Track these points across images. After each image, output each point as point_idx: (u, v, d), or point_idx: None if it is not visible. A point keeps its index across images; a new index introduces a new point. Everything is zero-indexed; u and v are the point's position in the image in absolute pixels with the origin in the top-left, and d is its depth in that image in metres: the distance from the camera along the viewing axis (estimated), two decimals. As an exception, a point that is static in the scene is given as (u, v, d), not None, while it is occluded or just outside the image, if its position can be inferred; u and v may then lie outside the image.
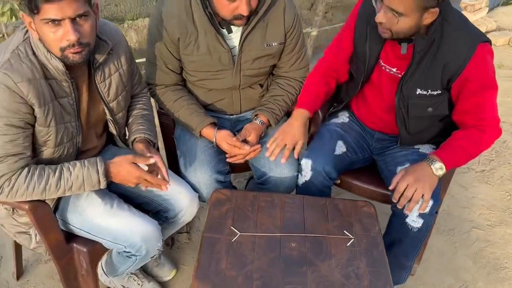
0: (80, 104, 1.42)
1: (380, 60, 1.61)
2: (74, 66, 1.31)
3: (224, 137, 1.70)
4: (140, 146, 1.49)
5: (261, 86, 1.86)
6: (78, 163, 1.35)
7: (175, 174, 1.66)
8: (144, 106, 1.64)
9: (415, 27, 1.39)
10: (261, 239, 1.40)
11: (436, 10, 1.35)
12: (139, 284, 1.78)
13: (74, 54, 1.25)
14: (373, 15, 1.46)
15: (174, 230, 1.72)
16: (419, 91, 1.53)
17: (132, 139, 1.53)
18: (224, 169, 1.73)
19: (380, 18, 1.41)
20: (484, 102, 1.49)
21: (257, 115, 1.79)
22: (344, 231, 1.45)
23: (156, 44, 1.67)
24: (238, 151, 1.70)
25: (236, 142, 1.68)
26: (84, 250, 1.47)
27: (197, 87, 1.80)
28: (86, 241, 1.48)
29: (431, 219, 1.53)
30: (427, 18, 1.37)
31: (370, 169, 1.87)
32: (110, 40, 1.39)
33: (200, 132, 1.72)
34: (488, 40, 1.45)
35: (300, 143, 1.65)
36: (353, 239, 1.43)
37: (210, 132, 1.72)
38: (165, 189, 1.44)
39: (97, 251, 1.50)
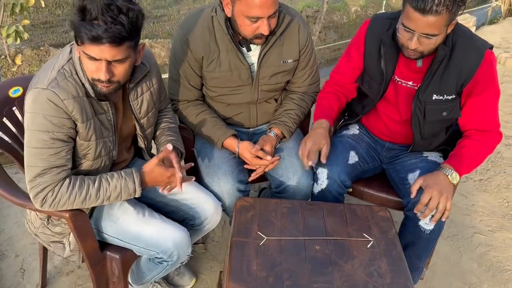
0: (116, 120, 1.51)
1: (395, 76, 1.73)
2: None
3: (247, 147, 1.80)
4: None
5: (276, 100, 1.97)
6: (115, 174, 1.44)
7: (198, 183, 1.75)
8: (170, 120, 1.74)
9: (442, 41, 1.54)
10: (286, 243, 1.49)
11: (455, 21, 1.50)
12: (162, 292, 1.84)
13: (102, 86, 1.34)
14: (386, 35, 1.61)
15: (198, 238, 1.79)
16: (435, 97, 1.65)
17: (161, 149, 1.61)
18: (245, 179, 1.82)
19: (414, 45, 1.51)
20: (488, 106, 1.64)
21: (271, 128, 1.89)
22: (364, 234, 1.55)
23: (180, 63, 1.77)
24: (259, 161, 1.79)
25: (258, 152, 1.78)
26: (117, 257, 1.54)
27: (216, 102, 1.90)
28: (118, 248, 1.55)
29: (442, 221, 1.63)
30: (450, 29, 1.52)
31: (380, 177, 1.98)
32: (147, 62, 1.49)
33: (222, 144, 1.82)
34: (491, 46, 1.61)
35: (325, 146, 1.70)
36: (372, 241, 1.52)
37: (233, 143, 1.82)
38: (180, 188, 1.49)
39: (128, 258, 1.57)
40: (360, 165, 1.87)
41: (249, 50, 1.77)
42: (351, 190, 1.94)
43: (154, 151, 1.74)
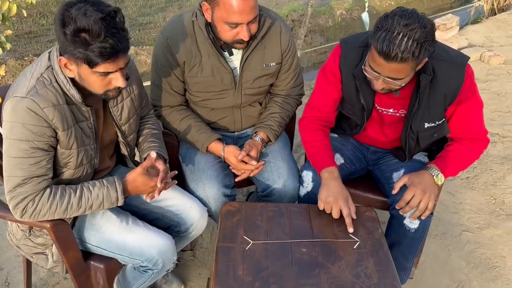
0: (97, 127, 1.49)
1: (376, 105, 1.71)
2: (91, 94, 1.39)
3: (232, 151, 1.79)
4: None
5: (260, 104, 1.97)
6: (97, 182, 1.42)
7: (183, 189, 1.73)
8: (152, 126, 1.72)
9: (411, 79, 1.50)
10: (273, 246, 1.48)
11: (426, 59, 1.45)
12: (150, 301, 1.81)
13: (114, 94, 1.38)
14: (358, 69, 1.57)
15: (184, 245, 1.78)
16: (427, 125, 1.63)
17: (144, 156, 1.60)
18: (230, 183, 1.81)
19: (380, 86, 1.49)
20: (473, 120, 1.64)
21: (256, 132, 1.89)
22: (350, 235, 1.54)
23: (162, 68, 1.76)
24: (244, 166, 1.79)
25: (244, 156, 1.77)
26: (101, 267, 1.52)
27: (200, 107, 1.89)
28: (102, 258, 1.53)
29: (427, 220, 1.63)
30: (419, 67, 1.47)
31: (367, 178, 1.98)
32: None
33: (207, 148, 1.81)
34: (468, 58, 1.59)
35: (350, 201, 1.60)
36: (359, 242, 1.52)
37: (218, 147, 1.81)
38: (157, 195, 1.50)
39: (113, 267, 1.54)
40: (346, 166, 1.87)
41: (231, 54, 1.76)
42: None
43: (137, 158, 1.72)
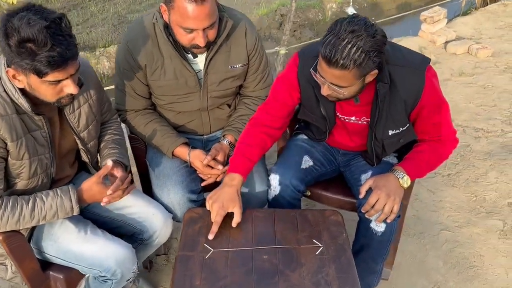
0: (53, 135, 1.46)
1: (337, 113, 1.67)
2: (45, 101, 1.36)
3: (198, 156, 1.76)
4: None
5: (229, 106, 1.93)
6: (51, 192, 1.39)
7: (147, 196, 1.70)
8: (115, 131, 1.69)
9: (360, 89, 1.45)
10: (233, 254, 1.45)
11: (375, 71, 1.40)
12: (118, 308, 1.79)
13: (67, 101, 1.36)
14: (314, 79, 1.51)
15: (150, 252, 1.75)
16: (391, 132, 1.60)
17: (104, 164, 1.57)
18: (197, 188, 1.78)
19: (326, 92, 1.46)
20: (439, 122, 1.60)
21: (224, 135, 1.85)
22: (313, 240, 1.51)
23: (124, 72, 1.73)
24: (210, 171, 1.76)
25: (210, 161, 1.74)
26: (61, 277, 1.50)
27: (166, 110, 1.86)
28: (62, 268, 1.50)
29: (394, 223, 1.60)
30: (369, 78, 1.43)
31: (339, 180, 1.94)
32: (80, 74, 1.44)
33: (173, 152, 1.78)
34: (429, 61, 1.54)
35: (236, 210, 1.52)
36: (321, 247, 1.49)
37: (184, 151, 1.77)
38: (126, 192, 1.48)
39: (73, 278, 1.52)
40: (316, 168, 1.84)
41: (195, 56, 1.72)
42: (309, 194, 1.91)
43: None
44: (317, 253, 1.47)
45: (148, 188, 1.88)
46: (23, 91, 1.31)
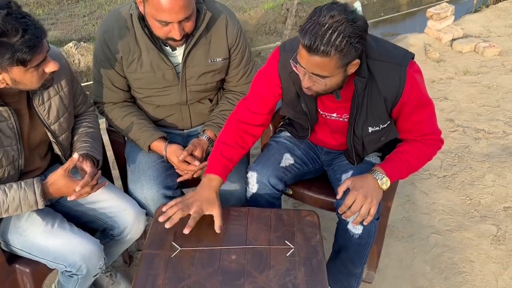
0: (21, 127, 1.43)
1: (319, 110, 1.62)
2: (12, 91, 1.33)
3: (175, 151, 1.72)
4: None
5: (210, 100, 1.88)
6: (14, 184, 1.36)
7: (120, 190, 1.67)
8: (89, 124, 1.65)
9: (342, 81, 1.39)
10: (201, 253, 1.41)
11: (357, 61, 1.34)
12: (92, 303, 1.77)
13: (50, 80, 1.36)
14: (294, 74, 1.45)
15: (123, 249, 1.72)
16: (371, 129, 1.54)
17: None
18: (173, 184, 1.74)
19: (306, 84, 1.39)
20: (422, 120, 1.53)
21: (204, 130, 1.81)
22: (285, 241, 1.46)
23: (101, 63, 1.69)
24: (186, 167, 1.72)
25: (186, 157, 1.70)
26: (27, 271, 1.47)
27: (145, 103, 1.82)
28: (29, 261, 1.48)
29: (372, 226, 1.55)
30: (351, 69, 1.36)
31: (322, 179, 1.89)
32: None
33: (150, 147, 1.74)
34: (412, 56, 1.47)
35: (216, 215, 1.46)
36: (293, 249, 1.44)
37: (160, 145, 1.74)
38: (95, 189, 1.45)
39: (40, 271, 1.49)
40: (297, 167, 1.79)
41: (173, 49, 1.68)
42: (291, 193, 1.86)
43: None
44: (287, 254, 1.42)
45: (127, 182, 1.85)
46: None
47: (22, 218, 1.46)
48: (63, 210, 1.59)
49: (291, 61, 1.42)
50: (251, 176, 1.70)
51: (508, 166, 2.71)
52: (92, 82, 1.79)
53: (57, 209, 1.59)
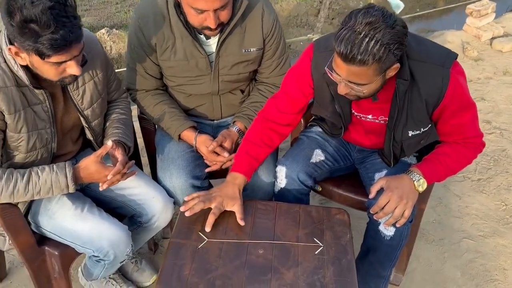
0: (56, 111, 1.44)
1: (353, 111, 1.56)
2: None
3: (204, 141, 1.70)
4: None
5: (242, 91, 1.86)
6: (47, 167, 1.37)
7: (150, 178, 1.67)
8: (121, 110, 1.65)
9: (380, 86, 1.33)
10: (228, 246, 1.39)
11: (397, 65, 1.28)
12: (117, 288, 1.78)
13: (70, 80, 1.34)
14: (328, 76, 1.40)
15: (150, 236, 1.72)
16: (411, 133, 1.48)
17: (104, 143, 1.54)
18: (201, 174, 1.73)
19: (343, 91, 1.34)
20: (464, 123, 1.47)
21: (234, 121, 1.78)
22: (314, 239, 1.43)
23: (135, 49, 1.68)
24: (215, 158, 1.70)
25: (216, 148, 1.68)
26: (56, 253, 1.49)
27: (177, 92, 1.81)
28: (58, 244, 1.49)
29: (405, 228, 1.49)
30: (390, 73, 1.30)
31: (353, 177, 1.84)
32: (84, 50, 1.40)
33: (180, 136, 1.73)
34: (455, 56, 1.40)
35: (237, 210, 1.45)
36: (322, 247, 1.40)
37: (190, 135, 1.72)
38: (124, 177, 1.45)
39: (68, 255, 1.51)
40: (328, 164, 1.74)
41: (207, 38, 1.65)
42: (320, 189, 1.82)
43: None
44: (316, 252, 1.39)
45: (156, 170, 1.84)
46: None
47: (52, 201, 1.47)
48: (92, 194, 1.60)
49: (326, 68, 1.37)
50: (280, 171, 1.66)
51: (547, 172, 2.59)
52: (125, 69, 1.79)
53: (86, 193, 1.60)
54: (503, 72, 3.71)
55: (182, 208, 1.43)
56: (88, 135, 1.57)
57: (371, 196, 1.50)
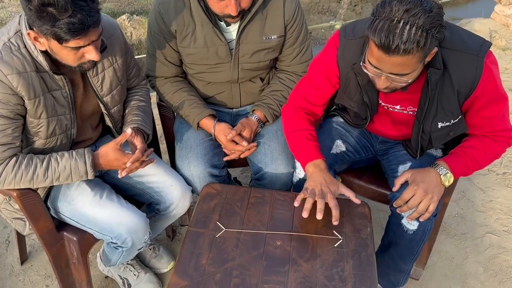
0: (75, 97, 1.43)
1: (381, 101, 1.51)
2: None
3: (223, 130, 1.68)
4: None
5: (261, 80, 1.82)
6: (66, 153, 1.37)
7: (169, 166, 1.66)
8: (141, 97, 1.64)
9: (419, 74, 1.29)
10: (246, 236, 1.38)
11: (435, 49, 1.23)
12: (135, 274, 1.79)
13: (89, 66, 1.33)
14: (357, 66, 1.36)
15: (168, 224, 1.72)
16: (441, 124, 1.43)
17: (124, 131, 1.53)
18: (220, 163, 1.71)
19: (383, 85, 1.29)
20: (494, 116, 1.41)
21: (253, 110, 1.76)
22: (334, 231, 1.40)
23: (155, 36, 1.66)
24: (234, 146, 1.68)
25: (234, 136, 1.66)
26: (74, 239, 1.50)
27: (196, 79, 1.79)
28: (76, 230, 1.50)
29: (428, 222, 1.45)
30: (428, 58, 1.26)
31: (375, 168, 1.80)
32: (103, 35, 1.39)
33: (198, 124, 1.71)
34: (489, 45, 1.33)
35: (345, 191, 1.44)
36: (341, 240, 1.37)
37: (209, 123, 1.70)
38: (143, 165, 1.45)
39: (87, 240, 1.52)
40: (349, 155, 1.70)
41: (228, 25, 1.62)
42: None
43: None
44: (335, 245, 1.36)
45: (174, 158, 1.83)
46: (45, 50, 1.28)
47: (71, 187, 1.48)
48: (111, 181, 1.60)
49: (361, 63, 1.31)
50: (300, 161, 1.63)
51: None
52: (145, 55, 1.77)
53: (105, 180, 1.60)
54: (533, 62, 3.58)
55: (296, 204, 1.38)
56: (108, 121, 1.57)
57: (395, 189, 1.46)
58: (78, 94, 1.45)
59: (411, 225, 1.47)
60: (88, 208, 1.44)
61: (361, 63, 1.32)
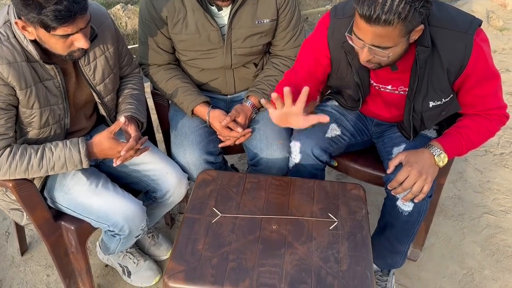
0: (68, 86, 1.43)
1: (372, 81, 1.50)
2: None
3: (218, 116, 1.68)
4: None
5: (255, 65, 1.81)
6: (60, 143, 1.37)
7: (164, 154, 1.66)
8: (134, 86, 1.64)
9: (404, 50, 1.27)
10: (242, 221, 1.38)
11: (421, 27, 1.22)
12: (134, 262, 1.80)
13: (79, 54, 1.32)
14: (347, 44, 1.35)
15: (165, 211, 1.73)
16: (432, 104, 1.42)
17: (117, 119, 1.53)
18: (215, 150, 1.71)
19: (365, 57, 1.28)
20: (487, 94, 1.40)
21: (248, 96, 1.75)
22: (329, 214, 1.41)
23: (146, 23, 1.65)
24: (229, 133, 1.68)
25: (229, 123, 1.66)
26: (72, 228, 1.50)
27: (189, 66, 1.78)
28: (74, 219, 1.51)
29: (423, 203, 1.46)
30: (414, 36, 1.25)
31: (370, 151, 1.79)
32: (94, 24, 1.38)
33: (193, 111, 1.71)
34: (479, 23, 1.32)
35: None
36: (336, 222, 1.38)
37: (203, 110, 1.70)
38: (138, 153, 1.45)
39: (84, 229, 1.52)
40: (344, 138, 1.70)
41: (219, 9, 1.61)
42: (336, 164, 1.79)
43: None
44: (330, 228, 1.37)
45: (170, 146, 1.84)
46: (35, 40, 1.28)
47: (67, 176, 1.48)
48: (107, 170, 1.60)
49: (346, 33, 1.31)
50: (294, 146, 1.63)
51: None
52: (138, 44, 1.76)
53: (101, 169, 1.60)
54: (532, 42, 3.55)
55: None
56: (101, 111, 1.57)
57: (389, 171, 1.47)
58: (71, 84, 1.44)
59: (406, 206, 1.47)
60: (84, 197, 1.45)
61: (346, 33, 1.31)
